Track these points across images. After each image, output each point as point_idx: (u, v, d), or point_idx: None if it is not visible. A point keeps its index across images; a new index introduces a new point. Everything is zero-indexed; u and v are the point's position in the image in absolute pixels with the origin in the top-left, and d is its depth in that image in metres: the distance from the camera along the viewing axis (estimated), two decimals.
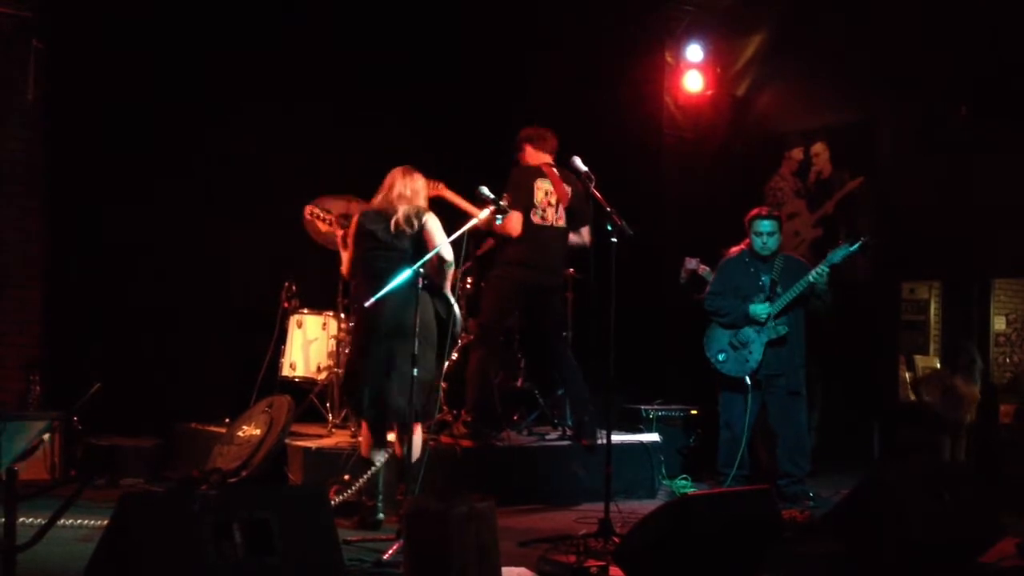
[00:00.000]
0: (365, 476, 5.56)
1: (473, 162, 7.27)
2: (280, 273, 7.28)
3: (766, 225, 6.91)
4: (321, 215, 6.31)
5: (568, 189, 6.71)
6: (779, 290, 6.83)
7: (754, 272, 6.93)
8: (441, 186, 6.51)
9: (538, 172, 6.73)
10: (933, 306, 9.26)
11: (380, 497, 5.66)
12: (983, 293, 8.56)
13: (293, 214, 7.04)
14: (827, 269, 6.69)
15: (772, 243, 6.91)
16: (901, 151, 8.69)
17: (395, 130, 7.89)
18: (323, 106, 7.92)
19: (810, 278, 6.71)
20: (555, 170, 6.74)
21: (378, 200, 5.68)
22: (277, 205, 7.47)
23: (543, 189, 6.70)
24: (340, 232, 5.91)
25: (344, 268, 5.87)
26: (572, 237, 6.86)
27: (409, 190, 5.63)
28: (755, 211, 7.03)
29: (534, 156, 6.80)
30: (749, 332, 6.84)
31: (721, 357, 6.91)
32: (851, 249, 6.69)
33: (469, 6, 8.34)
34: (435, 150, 7.18)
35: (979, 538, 5.09)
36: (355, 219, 5.75)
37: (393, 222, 5.54)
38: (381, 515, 5.62)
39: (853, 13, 8.69)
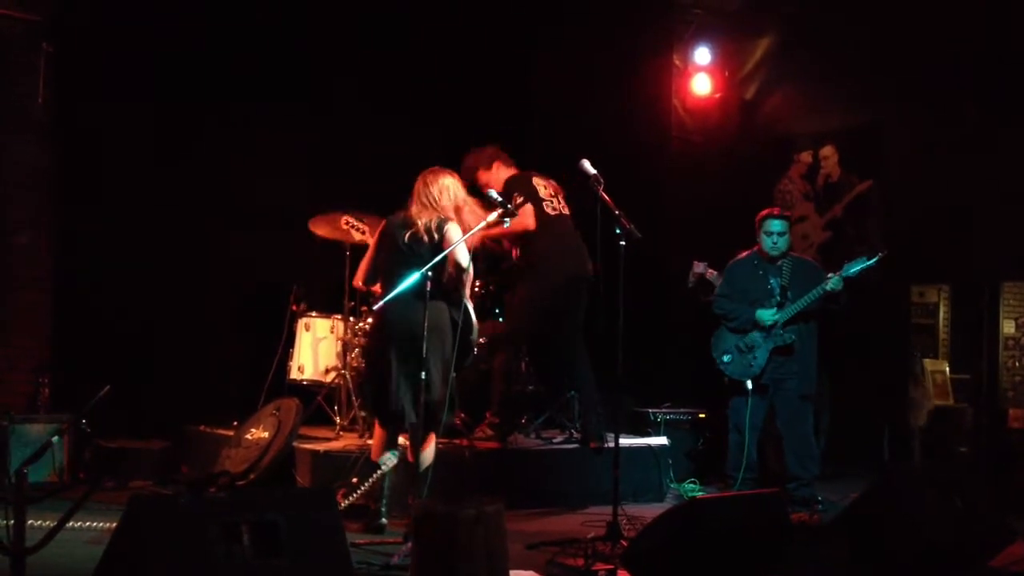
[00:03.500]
0: (370, 480, 5.56)
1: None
2: (288, 276, 7.29)
3: (776, 225, 6.86)
4: (357, 225, 6.39)
5: (558, 185, 6.89)
6: (789, 295, 6.78)
7: (763, 275, 6.88)
8: None
9: (530, 174, 6.88)
10: (942, 309, 9.23)
11: (384, 502, 5.64)
12: (992, 297, 8.53)
13: (301, 217, 7.08)
14: (841, 281, 6.63)
15: (782, 243, 6.86)
16: (910, 154, 8.68)
17: (400, 134, 7.89)
18: (330, 109, 7.93)
19: (827, 287, 6.64)
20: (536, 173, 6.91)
21: (409, 206, 5.63)
22: (285, 208, 7.49)
23: (541, 184, 6.83)
24: (373, 239, 5.90)
25: (358, 277, 5.78)
26: None
27: (434, 196, 5.55)
28: (766, 211, 7.00)
29: (507, 170, 6.91)
30: (756, 337, 6.81)
31: (726, 359, 6.89)
32: (868, 263, 6.60)
33: (475, 9, 8.34)
34: (440, 154, 7.17)
35: (989, 542, 5.07)
36: (383, 223, 5.74)
37: (411, 232, 5.51)
38: (384, 520, 5.60)
39: (861, 16, 8.68)
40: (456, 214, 5.59)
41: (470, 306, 5.63)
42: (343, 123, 7.96)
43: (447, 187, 5.62)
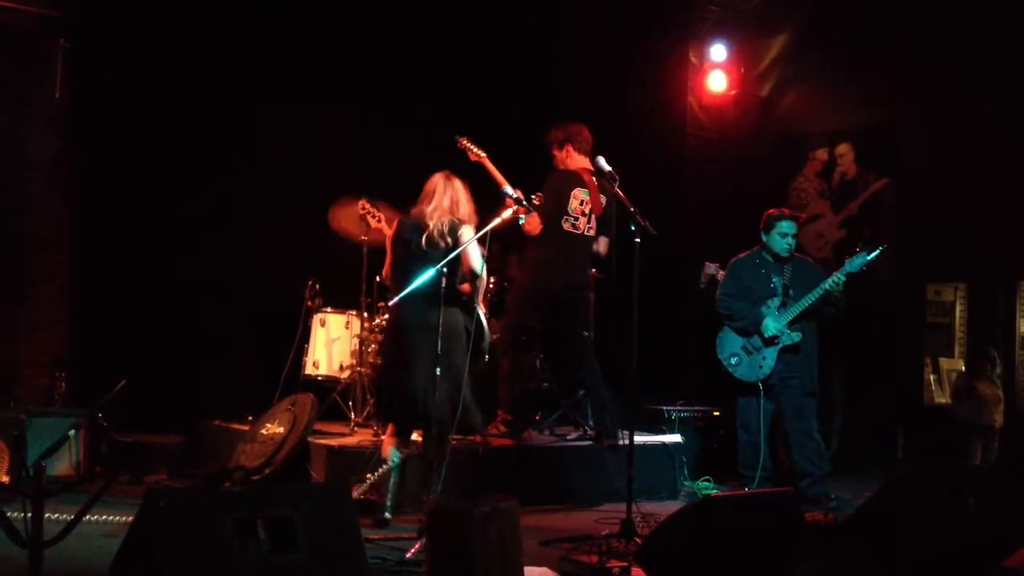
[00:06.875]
0: (376, 474, 5.59)
1: (498, 162, 7.26)
2: (304, 271, 7.31)
3: (790, 226, 6.86)
4: (372, 211, 6.40)
5: (603, 200, 6.70)
6: (791, 293, 6.78)
7: (765, 274, 6.89)
8: (484, 157, 6.53)
9: (578, 180, 6.71)
10: (958, 308, 9.21)
11: (390, 497, 5.66)
12: (1008, 295, 8.51)
13: (318, 212, 7.10)
14: (844, 278, 6.62)
15: (794, 244, 6.89)
16: (926, 152, 8.65)
17: (422, 131, 7.89)
18: (351, 107, 7.94)
19: (826, 286, 6.63)
20: (594, 179, 6.70)
21: (419, 208, 5.66)
22: (302, 203, 7.51)
23: (579, 198, 6.68)
24: (389, 232, 5.92)
25: (385, 270, 5.87)
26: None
27: (448, 200, 5.60)
28: (775, 211, 6.96)
29: (575, 159, 6.76)
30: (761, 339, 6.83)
31: (734, 361, 6.89)
32: (868, 258, 6.58)
33: (494, 8, 8.34)
34: (457, 151, 7.17)
35: (1002, 541, 5.05)
36: (395, 225, 5.79)
37: (426, 235, 5.55)
38: (388, 515, 5.62)
39: (878, 13, 8.65)
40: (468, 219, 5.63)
41: (482, 313, 5.67)
42: (367, 124, 7.97)
43: (461, 194, 5.64)
